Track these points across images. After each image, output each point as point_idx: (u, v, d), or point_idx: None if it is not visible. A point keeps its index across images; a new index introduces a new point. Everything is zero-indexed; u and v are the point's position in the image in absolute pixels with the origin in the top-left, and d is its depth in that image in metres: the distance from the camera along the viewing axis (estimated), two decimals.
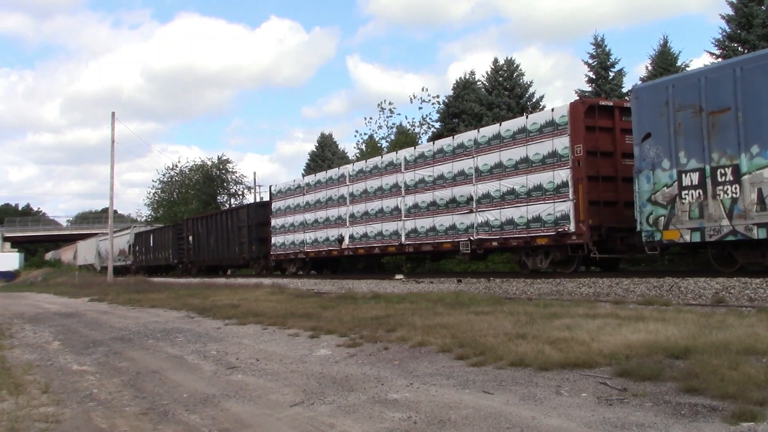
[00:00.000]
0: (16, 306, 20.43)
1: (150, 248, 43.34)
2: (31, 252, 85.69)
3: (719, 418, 3.89)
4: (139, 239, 46.26)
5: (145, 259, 44.47)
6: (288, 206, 26.64)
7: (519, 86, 33.62)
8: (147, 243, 44.21)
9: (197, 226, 35.26)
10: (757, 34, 23.30)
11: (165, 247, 40.09)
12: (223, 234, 31.90)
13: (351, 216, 22.36)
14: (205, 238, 33.95)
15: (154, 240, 42.55)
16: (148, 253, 43.75)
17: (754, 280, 9.74)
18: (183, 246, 36.78)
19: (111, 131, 34.13)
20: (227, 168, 59.70)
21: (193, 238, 35.35)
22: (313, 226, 24.58)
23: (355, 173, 22.50)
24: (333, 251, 23.28)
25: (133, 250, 47.09)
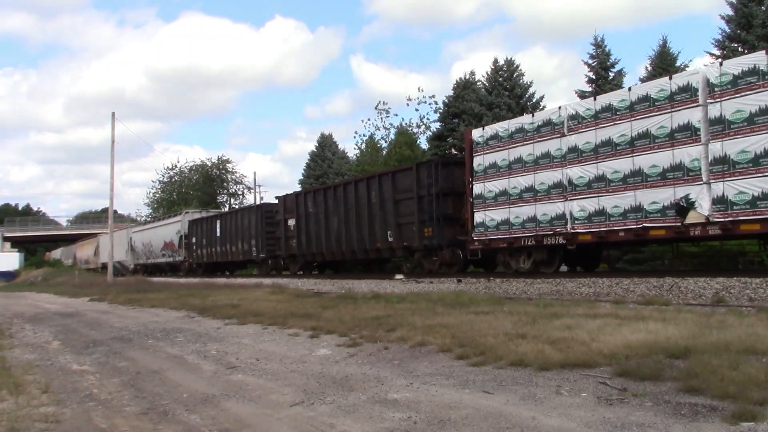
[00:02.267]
0: (16, 306, 20.43)
1: (215, 239, 32.34)
2: (31, 252, 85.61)
3: (719, 418, 3.89)
4: (195, 228, 35.09)
5: (207, 253, 33.43)
6: (514, 159, 15.80)
7: (519, 86, 33.64)
8: (209, 232, 33.21)
9: (304, 205, 24.43)
10: (756, 35, 23.30)
11: (242, 236, 29.57)
12: (360, 213, 21.03)
13: None
14: (322, 222, 23.19)
15: (224, 227, 31.56)
16: (212, 245, 32.81)
17: (754, 280, 9.74)
18: (276, 234, 26.66)
19: (111, 131, 34.12)
20: (227, 168, 59.93)
21: (299, 221, 24.61)
22: (586, 189, 14.08)
23: None
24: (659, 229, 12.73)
25: (186, 243, 36.32)
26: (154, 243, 41.16)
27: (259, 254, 27.99)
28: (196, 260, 35.05)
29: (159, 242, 40.29)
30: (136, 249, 45.15)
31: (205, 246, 33.74)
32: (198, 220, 35.34)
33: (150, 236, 42.09)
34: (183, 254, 36.69)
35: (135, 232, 46.32)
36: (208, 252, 33.47)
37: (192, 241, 35.38)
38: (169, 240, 38.81)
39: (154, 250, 41.35)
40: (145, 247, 43.13)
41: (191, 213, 38.03)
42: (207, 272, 34.61)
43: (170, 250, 38.80)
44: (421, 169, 18.72)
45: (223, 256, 31.76)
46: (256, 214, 28.35)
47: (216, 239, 32.30)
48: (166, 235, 39.21)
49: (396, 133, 37.46)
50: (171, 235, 38.48)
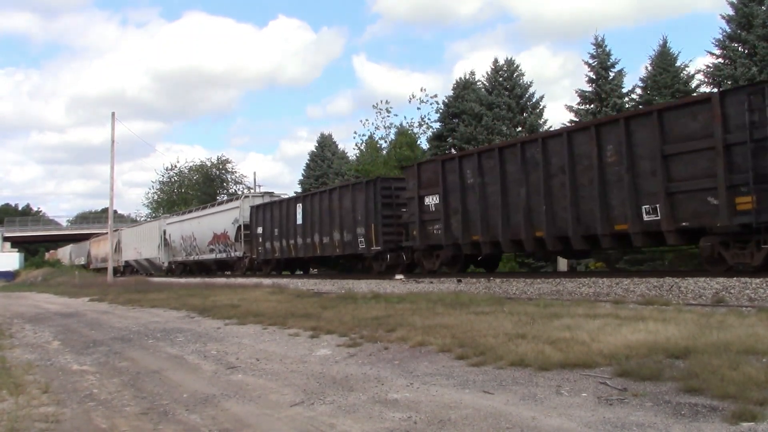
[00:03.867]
0: (16, 306, 20.44)
1: (294, 228, 24.45)
2: (31, 252, 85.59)
3: (719, 418, 3.89)
4: (261, 215, 27.05)
5: (282, 246, 25.29)
6: None
7: (519, 86, 33.66)
8: (284, 220, 25.07)
9: (459, 173, 16.49)
10: (757, 34, 23.31)
11: (341, 223, 21.47)
12: (579, 178, 13.79)
13: None
14: (492, 197, 15.67)
15: (309, 213, 23.45)
16: (288, 236, 24.75)
17: (754, 280, 9.73)
18: (403, 217, 19.23)
19: (111, 131, 34.12)
20: (227, 168, 59.97)
21: (447, 197, 16.82)
22: None
23: None
24: None
25: (246, 234, 28.42)
26: (199, 236, 33.14)
27: (371, 246, 19.90)
28: (262, 256, 27.04)
29: (206, 234, 32.38)
30: (172, 243, 37.13)
31: (278, 238, 25.48)
32: (265, 206, 27.26)
33: (193, 227, 34.17)
34: (241, 249, 28.76)
35: (171, 224, 37.94)
36: (282, 245, 25.24)
37: (256, 231, 27.24)
38: (221, 231, 30.69)
39: (199, 245, 33.47)
40: (185, 241, 35.34)
41: (252, 197, 30.12)
42: (280, 271, 27.50)
43: (222, 244, 30.90)
44: (730, 100, 11.18)
45: (307, 250, 23.72)
46: (364, 193, 20.18)
47: (295, 228, 24.31)
48: (217, 225, 31.11)
49: (396, 133, 37.47)
50: (224, 225, 30.33)
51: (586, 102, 28.52)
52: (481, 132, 31.55)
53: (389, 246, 19.54)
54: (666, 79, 25.87)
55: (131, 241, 45.36)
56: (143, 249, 42.31)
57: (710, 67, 25.05)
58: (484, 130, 31.54)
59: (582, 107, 28.43)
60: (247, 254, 28.69)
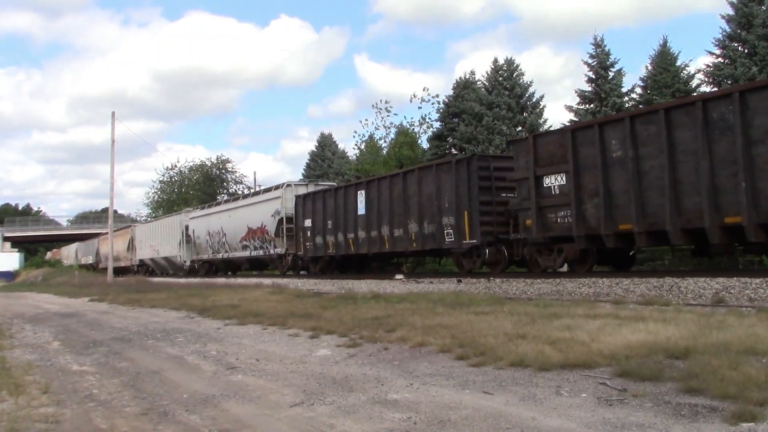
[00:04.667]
0: (16, 306, 20.44)
1: (353, 219, 20.69)
2: (31, 252, 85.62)
3: (719, 419, 3.89)
4: (310, 205, 23.29)
5: (337, 242, 21.51)
6: None
7: (519, 86, 33.68)
8: (341, 210, 21.32)
9: (600, 145, 12.90)
10: (757, 34, 23.31)
11: (420, 211, 17.80)
12: None
13: None
14: (660, 169, 11.90)
15: (375, 200, 19.74)
16: (346, 228, 21.00)
17: (754, 280, 9.73)
18: (508, 203, 15.75)
19: (111, 131, 34.13)
20: (227, 168, 60.04)
21: (579, 176, 13.39)
22: None
23: None
24: None
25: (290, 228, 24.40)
26: (230, 231, 29.49)
27: (463, 240, 16.18)
28: (311, 252, 23.16)
29: (238, 229, 28.64)
30: (196, 240, 33.55)
31: (332, 231, 21.70)
32: (316, 195, 23.20)
33: (222, 222, 30.52)
34: (283, 245, 24.65)
35: (195, 218, 34.22)
36: (338, 240, 21.40)
37: (303, 224, 23.46)
38: (257, 225, 26.84)
39: (230, 241, 29.71)
40: (213, 237, 31.67)
41: (296, 185, 25.78)
42: (332, 270, 23.61)
43: (259, 240, 26.90)
44: None
45: (372, 245, 19.75)
46: (454, 174, 16.41)
47: (356, 220, 20.53)
48: (253, 218, 27.31)
49: (396, 132, 37.48)
50: (262, 218, 26.39)
51: (585, 102, 28.54)
52: (481, 132, 31.58)
53: (487, 239, 15.78)
54: (666, 78, 25.89)
55: (147, 238, 41.26)
56: (161, 246, 38.33)
57: (710, 67, 25.06)
58: (485, 130, 31.56)
59: (582, 107, 28.44)
60: (290, 251, 24.47)
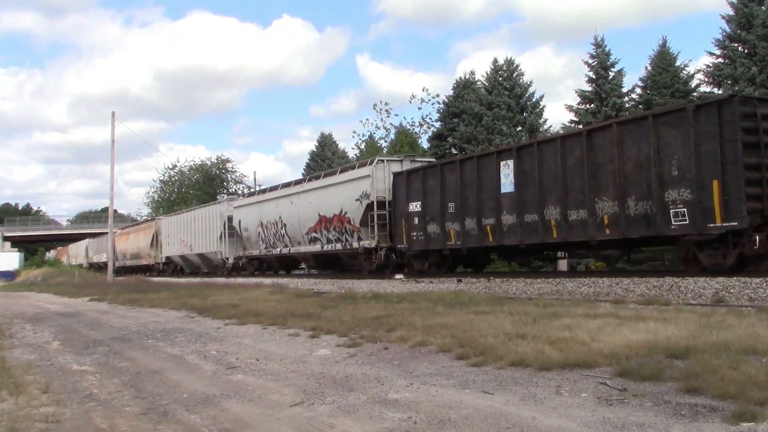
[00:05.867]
0: (16, 306, 20.43)
1: (497, 200, 15.48)
2: (31, 252, 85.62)
3: (719, 418, 3.89)
4: (420, 183, 18.08)
5: (464, 231, 16.47)
6: None
7: (519, 86, 33.68)
8: (475, 188, 16.13)
9: None
10: (757, 34, 23.32)
11: (624, 184, 12.59)
12: None
13: None
14: None
15: (532, 171, 14.61)
16: (481, 212, 15.97)
17: (754, 279, 9.73)
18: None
19: (111, 131, 34.13)
20: (227, 167, 60.07)
21: None
22: None
23: None
24: None
25: (381, 216, 19.37)
26: (293, 220, 24.19)
27: (710, 222, 11.24)
28: (419, 245, 17.86)
29: (305, 217, 23.36)
30: (243, 233, 28.26)
31: (456, 216, 16.51)
32: (426, 170, 17.97)
33: (281, 210, 25.02)
34: (373, 236, 19.37)
35: (242, 207, 28.79)
36: (466, 228, 16.21)
37: (406, 209, 18.24)
38: (335, 212, 21.57)
39: (292, 233, 24.44)
40: (267, 228, 26.22)
41: (388, 161, 20.24)
42: (453, 268, 18.79)
43: (336, 231, 21.65)
44: None
45: (528, 234, 14.63)
46: (690, 127, 11.37)
47: (499, 200, 15.33)
48: (328, 203, 22.05)
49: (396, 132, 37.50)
50: (342, 203, 21.23)
51: (586, 102, 28.54)
52: (481, 132, 31.58)
53: (754, 220, 10.76)
54: (665, 78, 25.90)
55: (176, 233, 35.53)
56: (195, 241, 32.90)
57: (710, 67, 25.07)
58: (484, 130, 31.56)
59: (582, 107, 28.44)
60: (382, 244, 19.32)
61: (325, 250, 22.66)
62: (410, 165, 19.90)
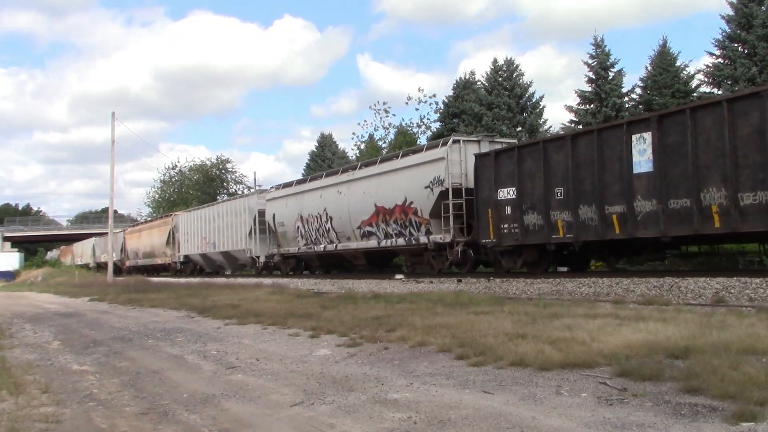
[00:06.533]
0: (16, 306, 20.43)
1: (628, 182, 12.53)
2: (31, 252, 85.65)
3: (719, 418, 3.89)
4: (514, 164, 15.08)
5: (576, 221, 13.54)
6: None
7: (519, 86, 33.69)
8: (591, 166, 13.24)
9: None
10: (757, 34, 23.33)
11: None
12: None
13: None
14: None
15: (687, 145, 11.54)
16: (603, 197, 13.04)
17: (754, 279, 9.73)
18: None
19: (111, 131, 34.12)
20: (226, 168, 60.09)
21: None
22: None
23: None
24: None
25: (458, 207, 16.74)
26: (341, 212, 21.65)
27: None
28: (513, 239, 15.16)
29: (358, 209, 20.67)
30: (278, 228, 25.45)
31: (565, 204, 13.88)
32: (523, 149, 15.31)
33: (327, 201, 22.35)
34: (449, 229, 16.64)
35: (276, 200, 26.08)
36: (581, 217, 13.53)
37: (495, 197, 15.47)
38: (397, 202, 18.80)
39: (339, 227, 21.72)
40: (308, 223, 23.45)
41: (464, 142, 17.17)
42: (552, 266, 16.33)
43: (397, 223, 18.83)
44: None
45: (675, 223, 11.90)
46: None
47: (630, 182, 12.65)
48: (388, 192, 19.26)
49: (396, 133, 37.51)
50: (406, 191, 18.41)
51: (585, 102, 28.55)
52: (481, 132, 31.58)
53: None
54: (666, 79, 25.91)
55: (197, 229, 32.83)
56: (219, 238, 30.08)
57: (710, 67, 25.08)
58: (484, 130, 31.56)
59: (582, 107, 28.44)
60: (458, 238, 16.61)
61: (382, 246, 19.78)
62: (489, 146, 17.07)
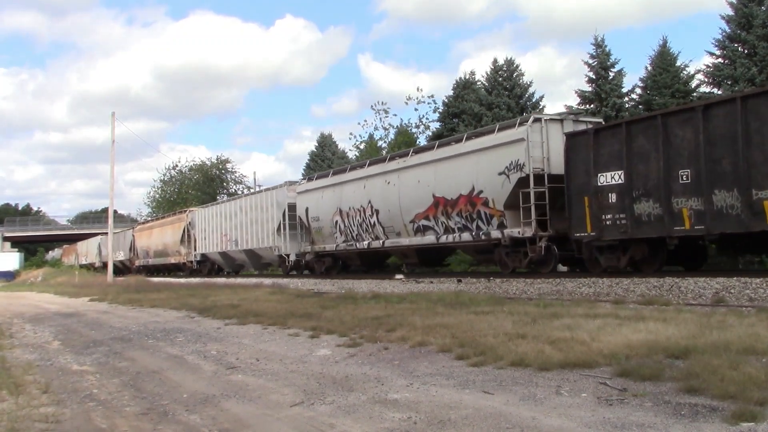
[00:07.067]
0: (16, 306, 20.43)
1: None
2: (31, 252, 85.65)
3: (719, 418, 3.89)
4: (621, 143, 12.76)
5: (713, 208, 11.10)
6: None
7: (519, 86, 33.67)
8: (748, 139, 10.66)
9: None
10: (757, 35, 23.32)
11: None
12: None
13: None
14: None
15: None
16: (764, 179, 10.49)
17: (754, 279, 9.74)
18: None
19: (111, 131, 34.14)
20: (226, 168, 60.09)
21: None
22: None
23: None
24: None
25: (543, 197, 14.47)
26: (389, 204, 19.28)
27: None
28: (613, 232, 13.07)
29: (411, 200, 18.28)
30: (312, 223, 23.18)
31: (691, 191, 11.65)
32: (631, 125, 12.98)
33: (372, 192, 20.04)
34: (529, 223, 14.64)
35: (309, 192, 23.67)
36: (714, 206, 11.23)
37: (594, 183, 13.33)
38: (462, 191, 16.53)
39: (387, 221, 19.42)
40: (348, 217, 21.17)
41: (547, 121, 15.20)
42: None
43: (462, 216, 16.65)
44: None
45: None
46: None
47: None
48: (445, 182, 17.17)
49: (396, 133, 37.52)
50: (473, 179, 16.24)
51: (585, 102, 28.53)
52: None
53: None
54: (666, 79, 25.89)
55: (216, 226, 30.26)
56: (242, 235, 27.60)
57: (710, 67, 25.06)
58: None
59: (582, 107, 28.42)
60: (540, 233, 14.55)
61: (442, 242, 17.50)
62: (573, 126, 15.09)
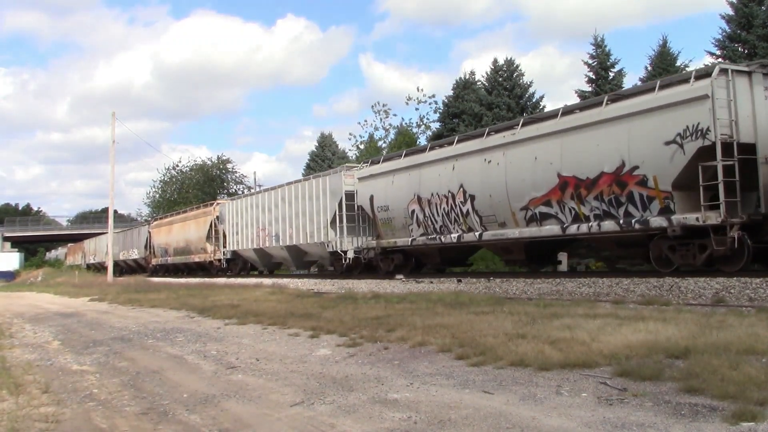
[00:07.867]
0: (16, 306, 20.43)
1: None
2: (31, 252, 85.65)
3: (719, 418, 3.89)
4: None
5: None
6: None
7: (519, 86, 33.69)
8: None
9: None
10: (757, 34, 23.33)
11: None
12: None
13: None
14: None
15: None
16: None
17: (754, 279, 9.73)
18: None
19: (111, 131, 34.14)
20: (227, 168, 60.06)
21: None
22: None
23: None
24: None
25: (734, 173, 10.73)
26: (489, 189, 15.86)
27: None
28: None
29: (518, 184, 15.03)
30: (379, 215, 19.88)
31: None
32: None
33: (460, 175, 16.74)
34: (713, 208, 11.29)
35: (371, 177, 20.48)
36: None
37: None
38: (599, 170, 13.15)
39: (487, 209, 15.99)
40: (425, 206, 17.90)
41: (736, 72, 11.65)
42: None
43: (600, 200, 13.22)
44: None
45: None
46: None
47: None
48: (577, 157, 13.63)
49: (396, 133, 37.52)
50: (619, 153, 12.69)
51: None
52: None
53: None
54: None
55: (251, 219, 26.82)
56: (285, 229, 24.09)
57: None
58: None
59: None
60: (733, 219, 11.26)
61: (570, 233, 13.98)
62: (764, 82, 11.80)
